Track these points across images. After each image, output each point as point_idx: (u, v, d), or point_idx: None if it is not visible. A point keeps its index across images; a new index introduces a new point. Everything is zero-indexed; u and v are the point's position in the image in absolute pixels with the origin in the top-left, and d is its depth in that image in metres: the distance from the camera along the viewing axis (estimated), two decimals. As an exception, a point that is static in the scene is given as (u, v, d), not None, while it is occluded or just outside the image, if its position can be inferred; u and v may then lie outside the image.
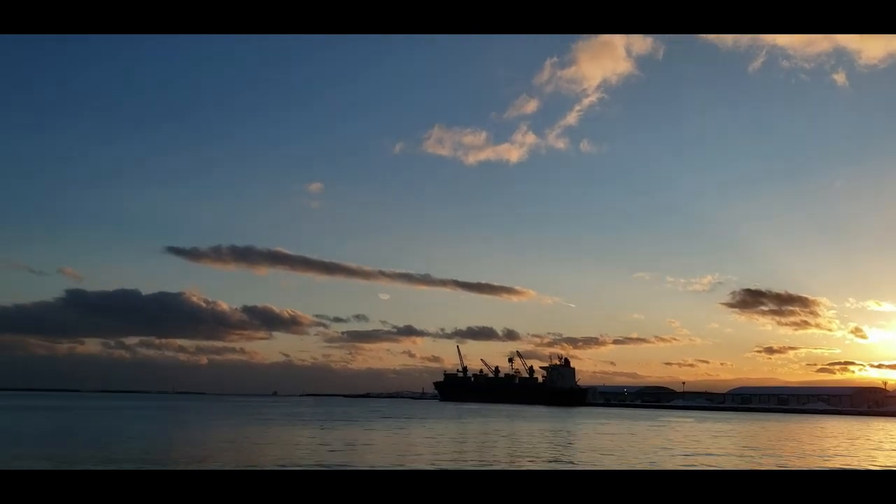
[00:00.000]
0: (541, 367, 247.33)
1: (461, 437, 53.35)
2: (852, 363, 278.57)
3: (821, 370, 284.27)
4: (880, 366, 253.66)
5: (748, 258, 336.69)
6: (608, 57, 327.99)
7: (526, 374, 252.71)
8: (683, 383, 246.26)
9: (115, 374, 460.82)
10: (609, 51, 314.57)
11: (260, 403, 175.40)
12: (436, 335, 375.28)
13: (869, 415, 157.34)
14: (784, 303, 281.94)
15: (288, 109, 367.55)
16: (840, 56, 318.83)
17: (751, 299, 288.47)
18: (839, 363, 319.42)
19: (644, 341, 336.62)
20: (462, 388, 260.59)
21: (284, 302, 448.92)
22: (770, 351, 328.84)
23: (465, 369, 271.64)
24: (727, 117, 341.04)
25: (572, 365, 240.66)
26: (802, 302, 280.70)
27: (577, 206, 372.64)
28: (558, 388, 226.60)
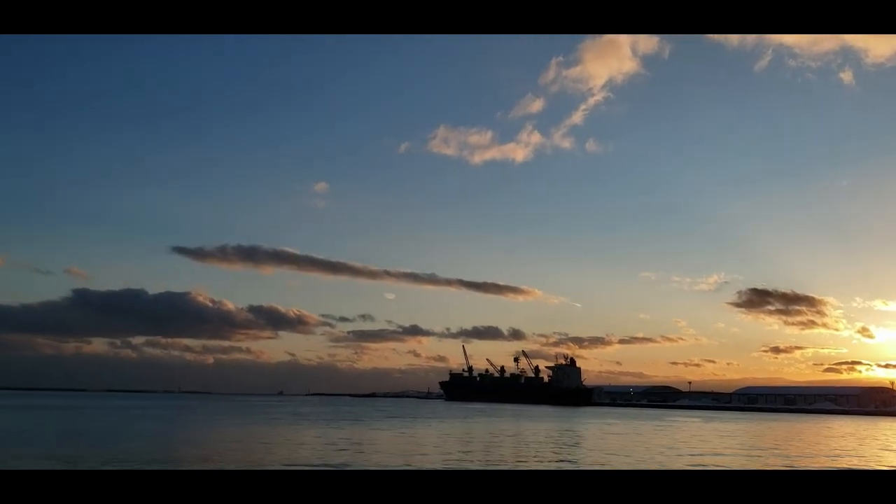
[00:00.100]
0: (546, 366, 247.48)
1: (468, 437, 53.32)
2: (859, 363, 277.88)
3: (828, 370, 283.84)
4: (888, 365, 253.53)
5: (754, 257, 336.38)
6: (614, 56, 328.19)
7: (531, 374, 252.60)
8: (689, 383, 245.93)
9: (122, 373, 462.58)
10: (615, 50, 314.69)
11: (266, 403, 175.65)
12: (441, 335, 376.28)
13: (876, 414, 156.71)
14: (790, 302, 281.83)
15: (293, 109, 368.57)
16: (847, 55, 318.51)
17: (757, 299, 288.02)
18: (846, 363, 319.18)
19: (650, 341, 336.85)
20: (468, 388, 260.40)
21: (290, 301, 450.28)
22: (776, 351, 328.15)
23: (470, 369, 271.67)
24: (733, 116, 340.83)
25: (578, 365, 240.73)
26: (809, 301, 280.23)
27: (583, 206, 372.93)
28: (564, 387, 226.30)
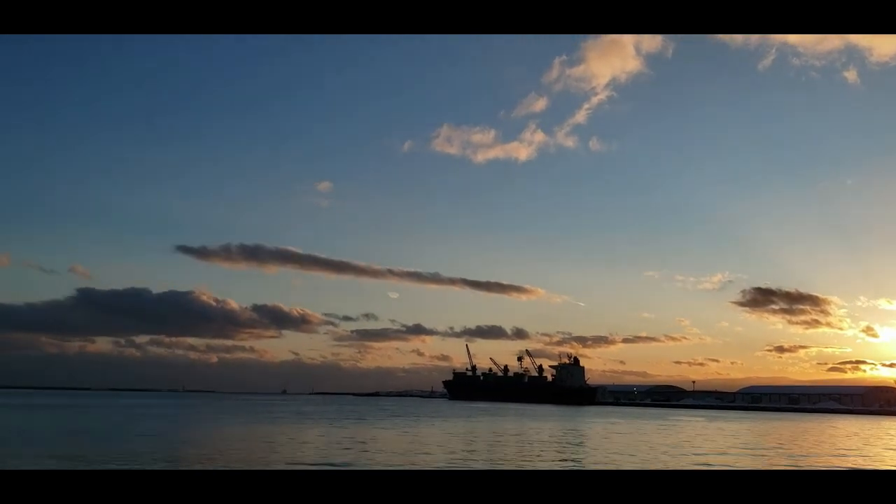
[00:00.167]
0: (550, 365, 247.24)
1: (472, 436, 53.37)
2: (863, 362, 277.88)
3: (832, 369, 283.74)
4: (892, 365, 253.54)
5: (758, 257, 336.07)
6: (617, 55, 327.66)
7: (535, 373, 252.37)
8: (693, 382, 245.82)
9: (126, 372, 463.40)
10: (618, 49, 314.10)
11: (269, 402, 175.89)
12: (445, 334, 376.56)
13: (881, 414, 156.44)
14: (794, 301, 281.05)
15: (297, 108, 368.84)
16: (851, 54, 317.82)
17: (761, 298, 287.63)
18: (850, 362, 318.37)
19: (654, 340, 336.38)
20: (471, 387, 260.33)
21: (294, 300, 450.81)
22: (780, 350, 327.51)
23: (474, 368, 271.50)
24: (737, 115, 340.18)
25: (582, 364, 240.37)
26: (813, 300, 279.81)
27: (586, 205, 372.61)
28: (567, 387, 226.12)
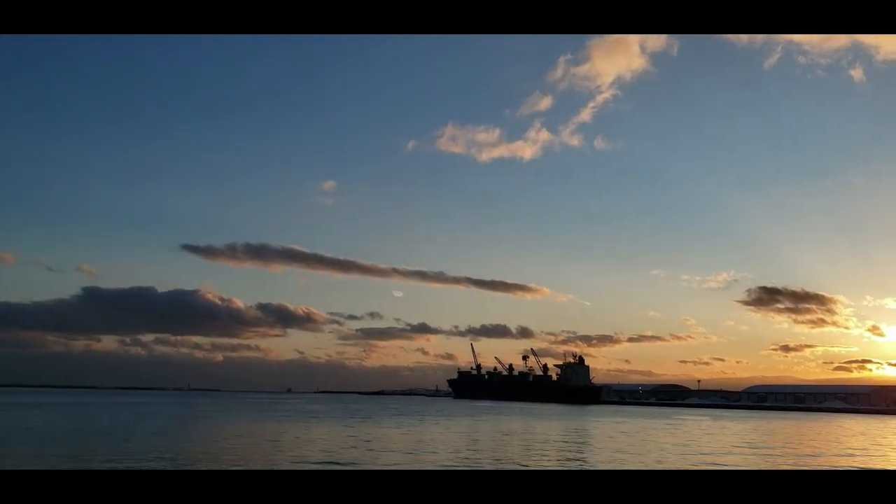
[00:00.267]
0: (555, 364, 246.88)
1: (476, 435, 53.43)
2: (870, 361, 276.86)
3: (838, 368, 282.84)
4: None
5: (764, 255, 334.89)
6: (622, 54, 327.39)
7: (540, 372, 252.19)
8: (698, 381, 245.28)
9: (131, 370, 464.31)
10: (623, 48, 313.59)
11: (274, 400, 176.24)
12: (449, 333, 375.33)
13: (887, 413, 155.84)
14: (800, 300, 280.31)
15: (301, 108, 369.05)
16: (857, 52, 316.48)
17: (767, 297, 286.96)
18: (856, 361, 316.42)
19: (659, 339, 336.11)
20: (476, 386, 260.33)
21: (299, 299, 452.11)
22: (786, 349, 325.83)
23: (478, 367, 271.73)
24: (742, 114, 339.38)
25: (586, 363, 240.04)
26: (819, 300, 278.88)
27: (592, 204, 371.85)
28: (572, 386, 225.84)
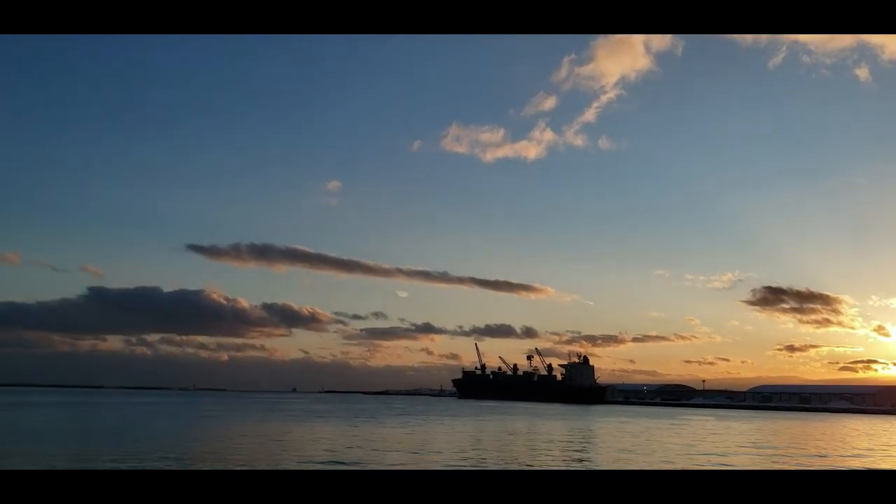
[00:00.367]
0: (559, 364, 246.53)
1: (481, 434, 53.47)
2: (875, 361, 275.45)
3: (843, 368, 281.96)
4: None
5: (769, 255, 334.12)
6: (627, 54, 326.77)
7: (544, 372, 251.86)
8: (703, 381, 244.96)
9: (137, 370, 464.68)
10: (628, 48, 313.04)
11: (279, 400, 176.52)
12: (454, 333, 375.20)
13: (892, 413, 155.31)
14: (805, 300, 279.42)
15: (306, 108, 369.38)
16: (863, 51, 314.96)
17: (771, 297, 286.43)
18: (862, 361, 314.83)
19: (663, 339, 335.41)
20: (480, 386, 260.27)
21: (303, 299, 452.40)
22: (791, 349, 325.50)
23: (483, 367, 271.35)
24: (747, 114, 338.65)
25: (591, 363, 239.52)
26: (824, 300, 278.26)
27: (596, 203, 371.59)
28: (577, 385, 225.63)
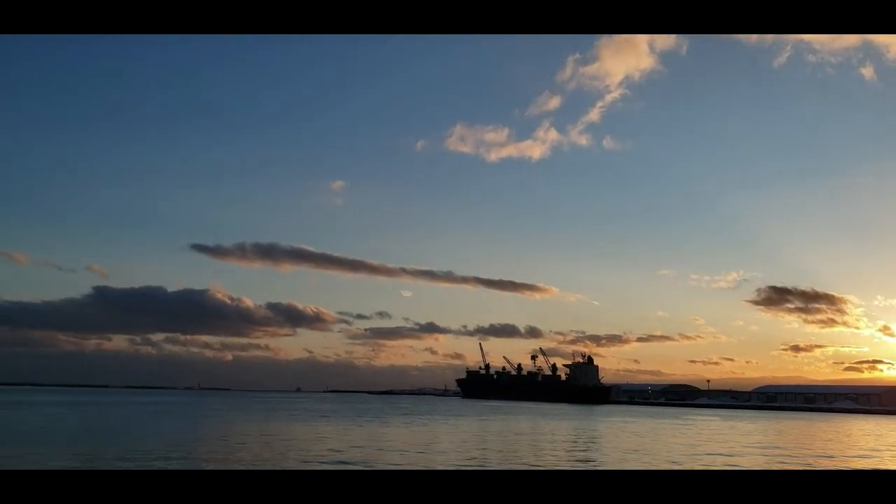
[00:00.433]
0: (564, 364, 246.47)
1: (487, 435, 53.47)
2: (881, 361, 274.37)
3: (848, 368, 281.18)
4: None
5: (774, 255, 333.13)
6: (631, 53, 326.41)
7: (549, 372, 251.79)
8: (708, 381, 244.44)
9: (142, 370, 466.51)
10: (632, 47, 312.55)
11: (284, 399, 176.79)
12: (458, 332, 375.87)
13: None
14: (810, 300, 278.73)
15: (311, 108, 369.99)
16: (868, 50, 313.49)
17: (776, 297, 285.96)
18: (867, 361, 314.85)
19: (668, 339, 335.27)
20: (484, 386, 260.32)
21: (308, 299, 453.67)
22: (796, 349, 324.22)
23: (487, 367, 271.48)
24: (752, 113, 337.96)
25: (595, 363, 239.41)
26: (829, 299, 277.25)
27: (600, 203, 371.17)
28: (581, 385, 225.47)
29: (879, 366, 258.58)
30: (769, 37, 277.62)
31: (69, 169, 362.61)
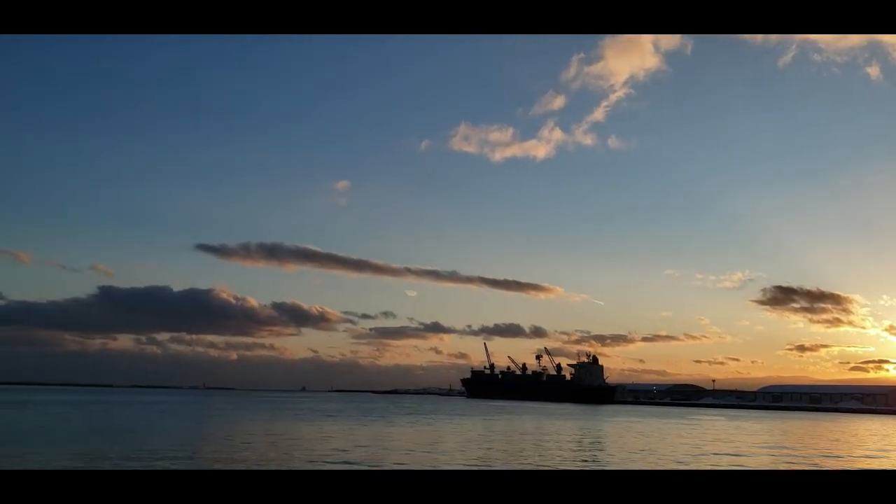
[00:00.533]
0: (569, 364, 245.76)
1: (492, 435, 53.43)
2: (887, 361, 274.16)
3: (854, 368, 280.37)
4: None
5: (779, 255, 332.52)
6: (636, 53, 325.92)
7: (553, 372, 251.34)
8: (713, 381, 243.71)
9: (147, 369, 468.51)
10: (636, 47, 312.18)
11: (289, 399, 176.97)
12: (462, 332, 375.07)
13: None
14: (816, 300, 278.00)
15: (316, 108, 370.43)
16: (874, 49, 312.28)
17: (782, 296, 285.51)
18: (873, 361, 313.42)
19: (673, 339, 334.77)
20: (489, 385, 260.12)
21: (313, 298, 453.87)
22: (802, 349, 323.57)
23: (492, 366, 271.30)
24: (757, 112, 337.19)
25: (600, 362, 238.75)
26: (835, 299, 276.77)
27: (605, 203, 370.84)
28: (586, 385, 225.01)
29: (885, 365, 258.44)
30: (774, 36, 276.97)
31: (74, 169, 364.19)
